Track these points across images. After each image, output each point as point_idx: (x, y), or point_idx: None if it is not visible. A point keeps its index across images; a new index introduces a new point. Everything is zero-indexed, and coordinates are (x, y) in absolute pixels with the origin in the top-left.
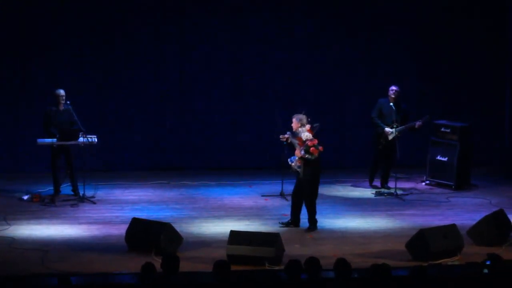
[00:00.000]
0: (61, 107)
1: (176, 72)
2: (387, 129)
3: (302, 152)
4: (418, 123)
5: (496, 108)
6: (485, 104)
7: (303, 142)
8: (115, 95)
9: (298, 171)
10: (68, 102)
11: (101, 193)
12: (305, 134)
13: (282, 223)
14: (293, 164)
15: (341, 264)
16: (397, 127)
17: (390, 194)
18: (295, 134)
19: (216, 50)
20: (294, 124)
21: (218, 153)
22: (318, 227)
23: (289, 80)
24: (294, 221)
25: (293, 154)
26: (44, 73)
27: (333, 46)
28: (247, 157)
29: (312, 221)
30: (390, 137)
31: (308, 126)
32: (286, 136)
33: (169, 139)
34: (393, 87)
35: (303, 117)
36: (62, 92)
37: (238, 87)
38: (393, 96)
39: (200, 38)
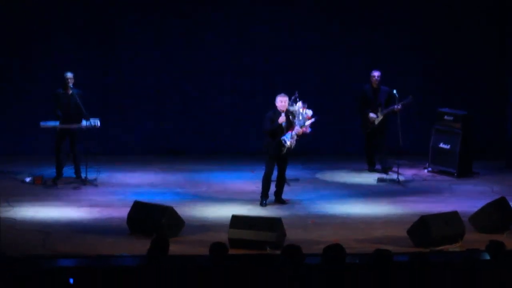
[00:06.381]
0: (69, 91)
1: (179, 56)
2: (371, 115)
3: (309, 129)
4: (397, 107)
5: (499, 97)
6: (488, 93)
7: (310, 118)
8: (118, 79)
9: (291, 147)
10: (79, 90)
11: (103, 176)
12: (307, 110)
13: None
14: (291, 141)
15: (332, 250)
16: (381, 111)
17: (392, 180)
18: (290, 113)
19: (220, 35)
20: (286, 102)
21: (221, 137)
22: (320, 212)
23: (293, 66)
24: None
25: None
26: (47, 55)
27: (335, 33)
28: (250, 142)
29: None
30: (377, 122)
31: (300, 103)
32: (284, 118)
33: (172, 123)
34: (376, 72)
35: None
36: (69, 75)
37: (241, 72)
38: (376, 81)
39: (204, 22)
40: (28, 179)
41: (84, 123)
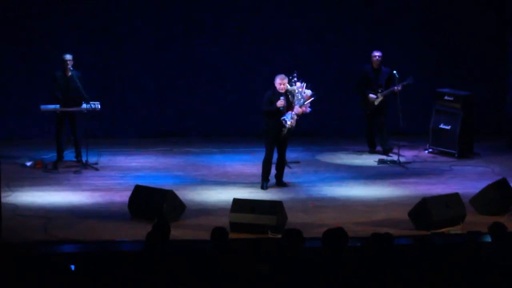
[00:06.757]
0: (68, 73)
1: (180, 39)
2: (371, 95)
3: (309, 108)
4: (397, 88)
5: (499, 77)
6: (489, 73)
7: (309, 98)
8: (119, 62)
9: (290, 129)
10: (78, 72)
11: (104, 160)
12: (306, 90)
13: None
14: (291, 121)
15: (333, 234)
16: (381, 91)
17: (392, 162)
18: (289, 93)
19: (222, 19)
20: (286, 84)
21: (222, 120)
22: (321, 195)
23: (291, 48)
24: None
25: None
26: (48, 38)
27: (334, 14)
28: (250, 125)
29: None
30: (377, 102)
31: (299, 83)
32: (283, 101)
33: (172, 106)
34: (376, 53)
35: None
36: (68, 57)
37: (241, 55)
38: (377, 62)
39: (206, 6)
40: (28, 163)
41: (84, 106)
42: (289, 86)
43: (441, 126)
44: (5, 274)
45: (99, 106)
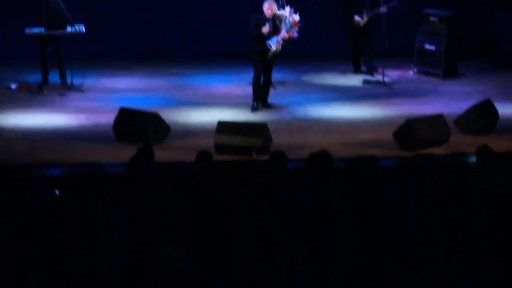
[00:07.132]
0: None
1: None
2: (356, 17)
3: (296, 34)
4: (382, 9)
5: None
6: None
7: (297, 24)
8: None
9: (276, 52)
10: None
11: (89, 82)
12: (294, 16)
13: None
14: (277, 45)
15: (318, 156)
16: (367, 13)
17: (377, 82)
18: (277, 18)
19: None
20: (274, 9)
21: (208, 41)
22: (306, 116)
23: None
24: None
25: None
26: None
27: None
28: (237, 46)
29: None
30: (362, 24)
31: (288, 8)
32: (268, 28)
33: (158, 27)
34: None
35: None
36: None
37: None
38: None
39: None
40: (13, 86)
41: (69, 28)
42: (277, 11)
43: (426, 46)
44: None
45: (84, 29)
